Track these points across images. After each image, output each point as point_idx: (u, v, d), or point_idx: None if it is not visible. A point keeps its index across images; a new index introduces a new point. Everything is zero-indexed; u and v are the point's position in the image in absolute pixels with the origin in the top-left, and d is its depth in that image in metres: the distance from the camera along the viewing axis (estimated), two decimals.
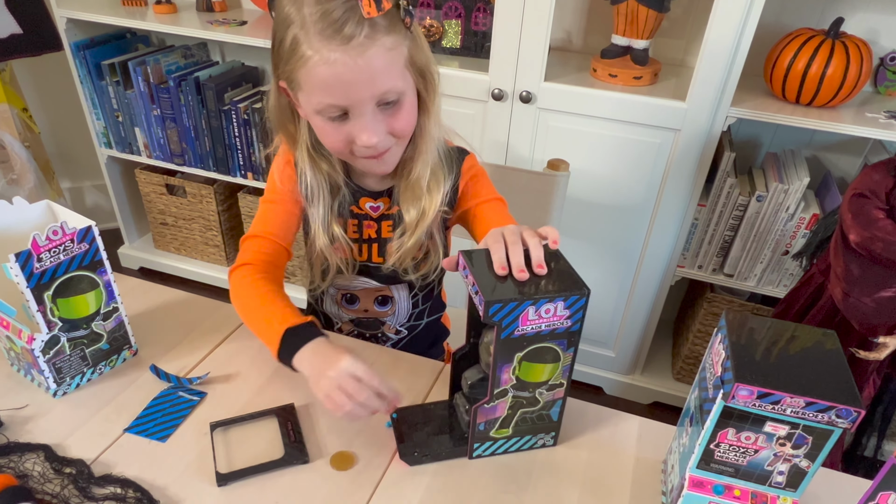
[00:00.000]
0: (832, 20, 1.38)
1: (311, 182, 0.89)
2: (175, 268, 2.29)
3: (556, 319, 0.66)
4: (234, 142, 1.93)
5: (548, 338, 0.67)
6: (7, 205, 0.78)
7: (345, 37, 0.71)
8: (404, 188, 0.91)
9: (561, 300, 0.64)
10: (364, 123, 0.78)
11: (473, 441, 0.74)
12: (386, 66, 0.75)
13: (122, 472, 0.70)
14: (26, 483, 0.68)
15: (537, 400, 0.72)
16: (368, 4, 0.71)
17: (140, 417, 0.78)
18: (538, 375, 0.70)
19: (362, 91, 0.75)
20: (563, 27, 1.73)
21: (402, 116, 0.81)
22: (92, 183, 2.53)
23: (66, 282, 0.75)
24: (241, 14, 1.96)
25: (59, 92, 2.25)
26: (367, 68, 0.73)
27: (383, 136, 0.80)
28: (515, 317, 0.64)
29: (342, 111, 0.77)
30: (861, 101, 1.49)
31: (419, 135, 0.87)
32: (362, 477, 0.72)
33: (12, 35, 1.75)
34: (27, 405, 0.79)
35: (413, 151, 0.88)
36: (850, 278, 1.22)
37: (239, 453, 0.74)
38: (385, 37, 0.73)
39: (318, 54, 0.72)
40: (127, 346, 0.87)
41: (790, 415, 0.55)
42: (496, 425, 0.74)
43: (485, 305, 0.62)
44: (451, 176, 0.93)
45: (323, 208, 0.90)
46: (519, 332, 0.65)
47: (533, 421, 0.74)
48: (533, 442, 0.77)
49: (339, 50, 0.72)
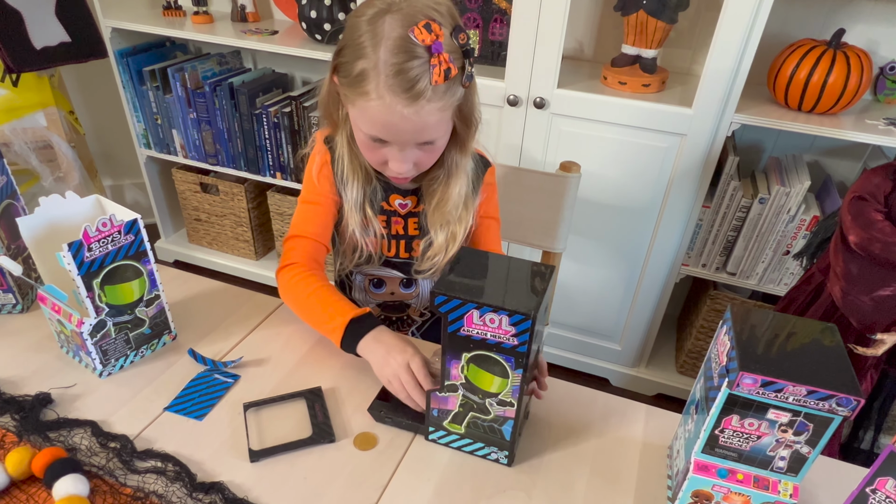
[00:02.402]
0: (834, 31, 1.36)
1: (347, 167, 0.90)
2: (207, 261, 2.31)
3: (500, 332, 0.62)
4: (265, 143, 1.94)
5: (494, 349, 0.64)
6: (60, 198, 0.79)
7: (412, 96, 0.73)
8: (433, 211, 0.93)
9: (505, 314, 0.61)
10: (400, 157, 0.81)
11: (429, 424, 0.74)
12: (436, 122, 0.78)
13: (163, 448, 0.71)
14: (75, 455, 0.69)
15: (487, 410, 0.69)
16: (438, 74, 0.72)
17: (179, 397, 0.79)
18: (486, 384, 0.67)
19: (407, 137, 0.79)
20: (575, 37, 1.73)
21: (432, 154, 0.85)
22: (132, 181, 2.56)
23: (113, 270, 0.76)
24: (273, 24, 1.97)
25: (103, 96, 2.28)
26: (419, 122, 0.76)
27: (412, 166, 0.83)
28: (460, 315, 0.63)
29: (384, 140, 0.80)
30: (861, 109, 1.47)
31: (453, 169, 0.90)
32: (384, 456, 0.73)
33: (61, 43, 1.77)
34: (75, 384, 0.80)
35: (446, 183, 0.91)
36: (849, 277, 1.20)
37: (270, 432, 0.75)
38: (442, 100, 0.76)
39: (382, 100, 0.74)
40: (167, 331, 0.87)
41: (792, 403, 0.54)
42: (449, 417, 0.72)
43: (432, 294, 0.63)
44: (478, 191, 0.96)
45: (356, 191, 0.91)
46: (465, 331, 0.64)
47: (485, 430, 0.71)
48: (486, 452, 0.73)
49: (401, 104, 0.74)
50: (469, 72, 0.77)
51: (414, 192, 0.95)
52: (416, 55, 0.72)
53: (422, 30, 0.71)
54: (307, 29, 1.76)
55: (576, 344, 1.88)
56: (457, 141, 0.87)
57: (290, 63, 2.07)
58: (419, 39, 0.71)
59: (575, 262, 1.71)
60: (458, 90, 0.77)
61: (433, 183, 0.92)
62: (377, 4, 0.75)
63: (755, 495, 0.60)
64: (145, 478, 0.67)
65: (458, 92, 0.78)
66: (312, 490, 0.68)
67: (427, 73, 0.72)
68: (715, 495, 0.62)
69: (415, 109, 0.74)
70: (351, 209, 0.91)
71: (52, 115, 1.91)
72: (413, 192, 0.95)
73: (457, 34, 0.74)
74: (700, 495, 0.63)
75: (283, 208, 2.10)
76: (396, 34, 0.72)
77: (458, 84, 0.77)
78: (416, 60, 0.72)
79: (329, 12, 1.70)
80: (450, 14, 0.76)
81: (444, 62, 0.72)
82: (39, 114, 1.88)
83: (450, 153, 0.89)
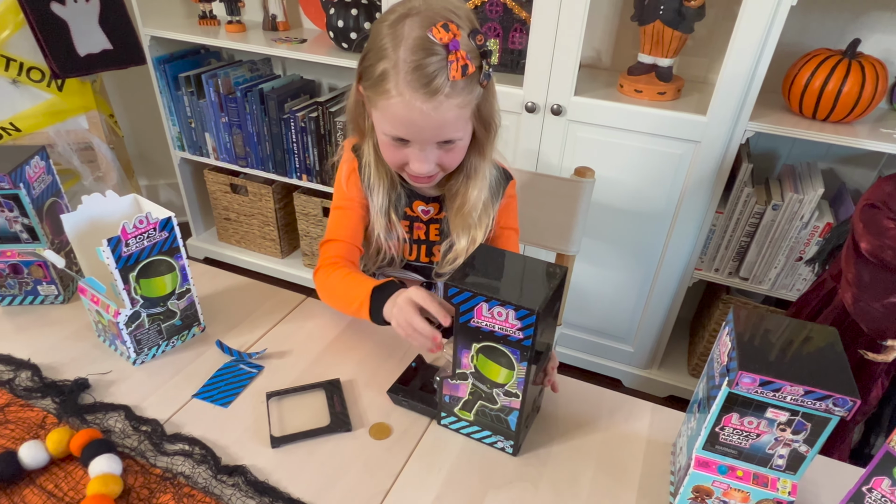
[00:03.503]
0: (849, 41, 1.35)
1: (373, 174, 0.92)
2: (235, 258, 2.35)
3: (507, 325, 0.64)
4: (292, 147, 1.98)
5: (501, 341, 0.65)
6: (101, 197, 0.82)
7: (429, 91, 0.74)
8: (454, 216, 0.93)
9: (511, 308, 0.62)
10: (421, 156, 0.82)
11: (441, 410, 0.76)
12: (454, 119, 0.78)
13: (190, 432, 0.73)
14: (109, 437, 0.71)
15: (495, 399, 0.71)
16: (456, 70, 0.73)
17: (206, 385, 0.81)
18: (494, 375, 0.69)
19: (428, 135, 0.79)
20: (592, 46, 1.73)
21: (453, 155, 0.85)
22: (166, 181, 2.62)
23: (148, 265, 0.78)
24: (302, 33, 2.01)
25: (141, 100, 2.33)
26: (438, 119, 0.77)
27: (433, 167, 0.84)
28: (471, 307, 0.64)
29: (405, 140, 0.81)
30: (876, 118, 1.45)
31: (472, 173, 0.90)
32: (398, 446, 0.74)
33: (104, 50, 1.82)
34: (111, 371, 0.82)
35: (465, 186, 0.91)
36: (860, 284, 1.19)
37: (290, 420, 0.76)
38: (460, 96, 0.76)
39: (401, 97, 0.75)
40: (196, 323, 0.89)
41: (790, 402, 0.55)
42: (459, 404, 0.74)
43: (445, 286, 0.65)
44: (498, 200, 0.96)
45: (382, 197, 0.93)
46: (475, 322, 0.66)
47: (492, 419, 0.72)
48: (493, 440, 0.74)
49: (420, 100, 0.75)
50: (486, 71, 0.77)
51: (436, 199, 0.97)
52: (434, 52, 0.73)
53: (440, 29, 0.72)
54: (334, 38, 1.79)
55: (589, 345, 1.88)
56: (476, 145, 0.88)
57: (318, 70, 2.11)
58: (437, 38, 0.72)
59: (590, 265, 1.72)
60: (475, 89, 0.78)
61: (454, 186, 0.93)
62: (398, 10, 0.77)
63: (754, 492, 0.61)
64: (174, 459, 0.69)
65: (476, 91, 0.78)
66: (329, 476, 0.69)
67: (445, 69, 0.73)
68: (715, 491, 0.63)
69: (433, 105, 0.75)
70: (376, 214, 0.93)
71: (93, 118, 1.96)
72: (435, 199, 0.97)
73: (474, 35, 0.76)
74: (701, 491, 0.63)
75: (308, 209, 2.13)
76: (416, 34, 0.74)
77: (476, 83, 0.77)
78: (434, 57, 0.73)
79: (356, 22, 1.73)
80: (468, 17, 0.77)
81: (462, 59, 0.73)
82: (82, 117, 1.93)
83: (469, 158, 0.89)
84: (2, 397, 0.76)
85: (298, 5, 2.06)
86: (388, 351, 0.89)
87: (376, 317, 0.82)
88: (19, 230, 0.87)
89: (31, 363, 0.81)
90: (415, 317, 0.74)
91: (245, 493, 0.65)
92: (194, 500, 0.64)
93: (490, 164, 0.92)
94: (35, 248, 0.89)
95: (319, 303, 0.98)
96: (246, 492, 0.66)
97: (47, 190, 0.91)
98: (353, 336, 0.92)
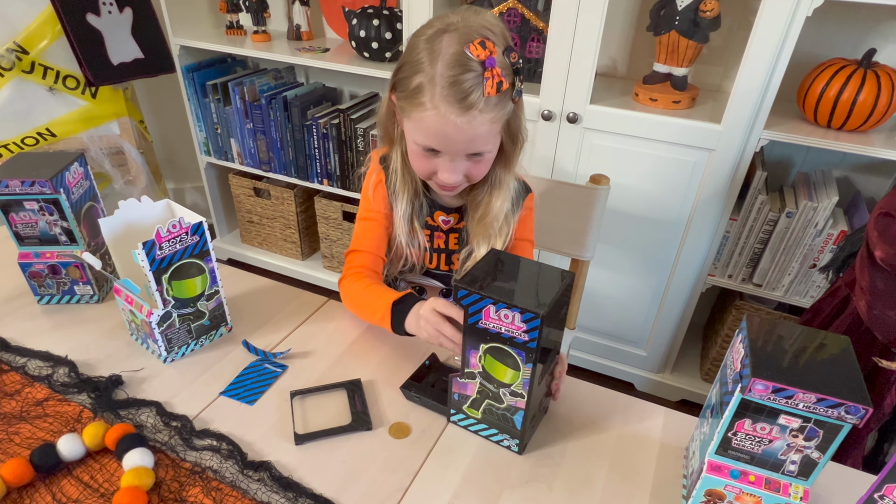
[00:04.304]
0: (865, 51, 1.33)
1: (399, 182, 0.93)
2: (257, 259, 2.38)
3: (514, 328, 0.65)
4: (314, 152, 2.00)
5: (508, 343, 0.66)
6: (136, 202, 0.84)
7: (465, 106, 0.75)
8: (476, 224, 0.94)
9: (517, 311, 0.63)
10: (450, 167, 0.83)
11: (450, 406, 0.77)
12: (486, 133, 0.79)
13: (218, 428, 0.74)
14: (142, 432, 0.73)
15: (501, 399, 0.71)
16: (491, 87, 0.74)
17: (233, 383, 0.82)
18: (501, 375, 0.69)
19: (459, 147, 0.80)
20: (608, 55, 1.73)
21: (481, 167, 0.85)
22: (192, 185, 2.66)
23: (180, 267, 0.80)
24: (325, 42, 2.03)
25: (170, 107, 2.37)
26: (470, 133, 0.78)
27: (461, 177, 0.85)
28: (479, 308, 0.65)
29: (436, 151, 0.82)
30: (892, 126, 1.44)
31: (496, 184, 0.91)
32: (416, 445, 0.75)
33: (135, 59, 1.86)
34: (143, 368, 0.84)
35: (489, 196, 0.92)
36: (874, 292, 1.17)
37: (313, 418, 0.77)
38: (493, 111, 0.77)
39: (436, 110, 0.76)
40: (224, 324, 0.91)
41: (802, 409, 0.55)
42: (468, 402, 0.75)
43: (455, 287, 0.66)
44: (517, 212, 0.97)
45: (405, 204, 0.94)
46: (483, 324, 0.66)
47: (499, 418, 0.73)
48: (500, 438, 0.75)
49: (455, 114, 0.76)
50: (519, 87, 0.79)
51: (457, 209, 0.98)
52: (470, 68, 0.74)
53: (477, 46, 0.73)
54: (356, 47, 1.81)
55: (603, 349, 1.87)
56: (503, 157, 0.89)
57: (340, 78, 2.13)
58: (474, 55, 0.73)
59: (604, 270, 1.71)
60: (508, 104, 0.79)
61: (478, 196, 0.93)
62: (436, 25, 0.78)
63: (766, 497, 0.61)
64: (202, 454, 0.70)
65: (508, 106, 0.79)
66: (350, 473, 0.70)
67: (480, 85, 0.74)
68: (727, 495, 0.63)
69: (467, 119, 0.76)
70: (400, 220, 0.95)
71: (124, 124, 2.00)
72: (456, 209, 0.98)
73: (508, 53, 0.77)
74: (713, 494, 0.63)
75: (328, 213, 2.16)
76: (453, 50, 0.75)
77: (509, 98, 0.78)
78: (471, 73, 0.74)
79: (377, 32, 1.74)
80: (503, 35, 0.78)
81: (497, 76, 0.74)
82: (114, 123, 1.98)
83: (495, 169, 0.90)
84: (41, 392, 0.78)
85: (322, 15, 2.08)
86: (406, 352, 0.90)
87: (398, 329, 0.85)
88: (58, 233, 0.90)
89: (69, 360, 0.83)
90: (444, 325, 0.77)
91: (270, 488, 0.67)
92: (222, 493, 0.66)
93: (514, 176, 0.93)
94: (73, 251, 0.92)
95: (341, 305, 0.99)
96: (271, 486, 0.67)
97: (85, 195, 0.93)
98: (372, 338, 0.93)
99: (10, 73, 1.73)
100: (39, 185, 0.85)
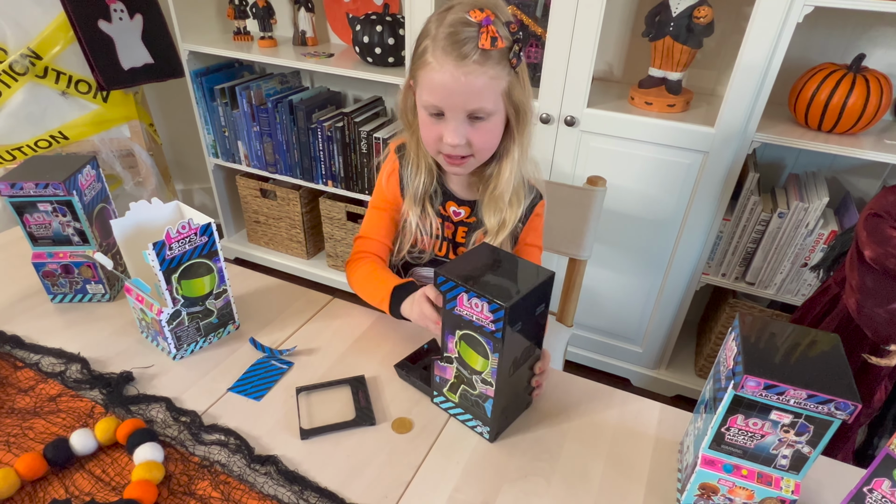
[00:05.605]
0: (854, 56, 1.33)
1: (413, 163, 0.95)
2: (264, 259, 2.38)
3: (482, 317, 0.65)
4: (319, 154, 2.00)
5: (478, 331, 0.67)
6: (147, 204, 0.84)
7: (460, 55, 0.78)
8: (487, 200, 0.94)
9: (485, 301, 0.64)
10: (453, 127, 0.84)
11: (433, 388, 0.79)
12: (483, 88, 0.80)
13: (226, 423, 0.74)
14: (152, 426, 0.73)
15: (474, 385, 0.72)
16: (485, 39, 0.77)
17: (240, 380, 0.82)
18: (473, 362, 0.71)
19: (458, 101, 0.81)
20: (605, 60, 1.73)
21: (483, 132, 0.85)
22: (200, 186, 2.66)
23: (189, 267, 0.80)
24: (329, 48, 2.03)
25: (179, 110, 2.37)
26: (467, 84, 0.79)
27: (464, 139, 0.85)
28: (455, 295, 0.67)
29: (440, 111, 0.83)
30: (881, 130, 1.43)
31: (504, 155, 0.92)
32: (418, 439, 0.75)
33: (146, 64, 1.86)
34: (153, 365, 0.84)
35: (497, 169, 0.93)
36: (864, 290, 1.17)
37: (318, 413, 0.77)
38: (491, 67, 0.79)
39: (437, 62, 0.79)
40: (231, 322, 0.91)
41: (793, 405, 0.55)
42: (447, 385, 0.76)
43: (435, 274, 0.68)
44: (528, 200, 0.97)
45: (419, 184, 0.95)
46: (458, 311, 0.68)
47: (472, 403, 0.74)
48: (473, 424, 0.76)
49: (451, 63, 0.78)
50: (516, 52, 0.80)
51: (470, 203, 0.98)
52: (468, 25, 0.78)
53: (477, 12, 0.77)
54: (360, 52, 1.81)
55: (600, 345, 1.87)
56: (509, 131, 0.89)
57: (344, 82, 2.13)
58: (473, 17, 0.77)
59: (601, 269, 1.71)
60: (505, 65, 0.80)
61: (487, 169, 0.94)
62: (446, 4, 0.82)
63: (759, 490, 0.61)
64: (211, 449, 0.71)
65: (506, 68, 0.81)
66: (354, 467, 0.70)
67: (476, 39, 0.77)
68: (721, 489, 0.63)
69: (464, 71, 0.78)
70: (411, 201, 0.96)
71: (134, 127, 2.00)
72: (468, 203, 0.98)
73: (507, 25, 0.80)
74: (707, 488, 0.63)
75: (332, 213, 2.16)
76: (456, 17, 0.79)
77: (506, 59, 0.80)
78: (468, 29, 0.78)
79: (380, 37, 1.74)
80: (507, 13, 0.81)
81: (492, 32, 0.77)
82: (124, 126, 1.98)
83: (502, 143, 0.91)
84: (54, 388, 0.79)
85: (326, 22, 2.08)
86: (409, 349, 0.90)
87: (395, 311, 0.88)
88: (71, 233, 0.90)
89: (81, 357, 0.83)
90: (424, 304, 0.82)
91: (276, 482, 0.67)
92: (230, 486, 0.66)
93: (521, 148, 0.92)
94: (85, 251, 0.92)
95: (345, 303, 1.00)
96: (277, 480, 0.67)
97: (97, 196, 0.93)
98: (376, 335, 0.93)
99: (24, 77, 1.73)
100: (53, 187, 0.85)
